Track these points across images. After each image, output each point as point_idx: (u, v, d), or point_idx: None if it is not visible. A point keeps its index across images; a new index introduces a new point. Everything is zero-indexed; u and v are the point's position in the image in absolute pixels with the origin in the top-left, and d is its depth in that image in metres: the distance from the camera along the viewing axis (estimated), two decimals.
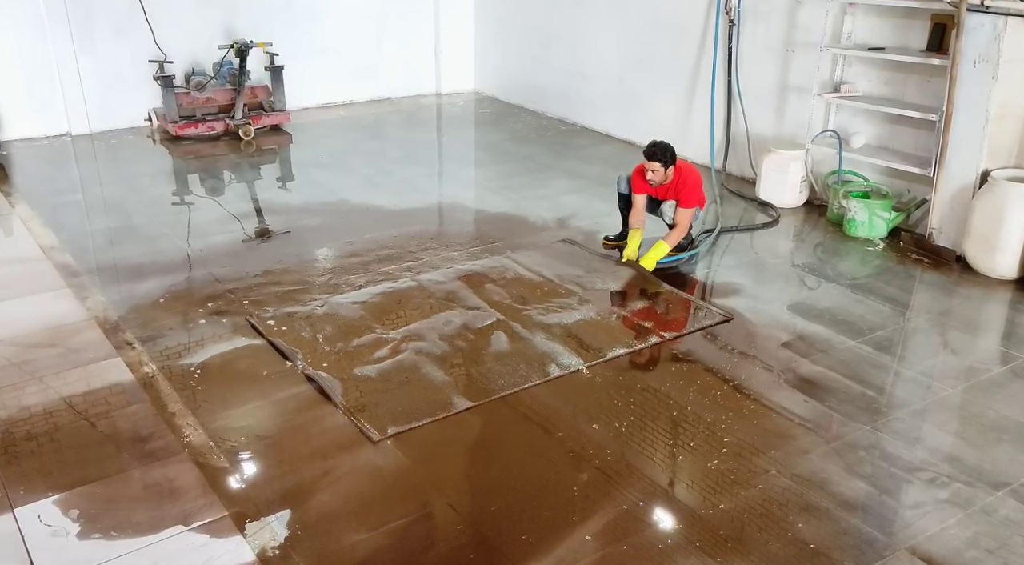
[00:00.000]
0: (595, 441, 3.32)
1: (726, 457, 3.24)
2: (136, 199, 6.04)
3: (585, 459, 3.21)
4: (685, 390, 3.69)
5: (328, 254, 5.09)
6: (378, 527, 2.87)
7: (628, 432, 3.38)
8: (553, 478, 3.12)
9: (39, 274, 4.78)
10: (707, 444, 3.32)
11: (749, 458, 3.24)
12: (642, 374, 3.85)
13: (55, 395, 3.56)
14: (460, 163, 7.44)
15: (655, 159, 4.82)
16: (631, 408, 3.55)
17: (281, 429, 3.39)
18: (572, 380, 3.74)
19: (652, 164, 4.83)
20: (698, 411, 3.53)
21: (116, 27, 7.39)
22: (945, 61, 4.97)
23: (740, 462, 3.21)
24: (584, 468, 3.16)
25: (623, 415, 3.49)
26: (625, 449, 3.28)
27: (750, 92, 6.38)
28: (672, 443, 3.33)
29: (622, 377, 3.79)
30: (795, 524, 2.89)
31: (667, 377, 3.82)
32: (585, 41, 7.86)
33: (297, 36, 8.14)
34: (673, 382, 3.77)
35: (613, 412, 3.51)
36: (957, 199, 5.01)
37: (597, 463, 3.19)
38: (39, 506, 2.91)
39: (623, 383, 3.74)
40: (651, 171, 4.85)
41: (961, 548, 2.81)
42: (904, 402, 3.66)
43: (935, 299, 4.73)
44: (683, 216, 4.91)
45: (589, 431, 3.39)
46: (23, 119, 7.25)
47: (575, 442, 3.31)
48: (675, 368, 3.90)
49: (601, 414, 3.50)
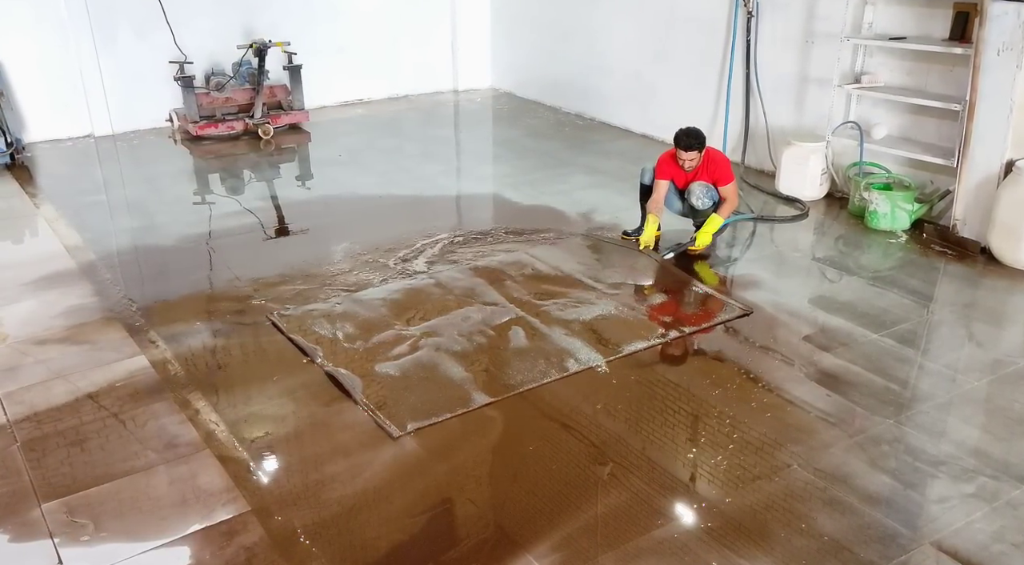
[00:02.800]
0: (615, 436, 3.31)
1: (747, 451, 3.22)
2: (158, 199, 6.10)
3: (605, 454, 3.20)
4: (705, 384, 3.67)
5: (347, 251, 5.11)
6: (399, 522, 2.89)
7: (648, 427, 3.37)
8: (573, 473, 3.12)
9: (64, 273, 4.85)
10: (728, 438, 3.30)
11: (771, 452, 3.21)
12: (662, 369, 3.83)
13: (80, 393, 3.61)
14: (478, 159, 7.44)
15: (692, 149, 4.85)
16: (650, 403, 3.53)
17: (302, 426, 3.42)
18: (591, 375, 3.73)
19: (690, 153, 4.87)
20: (718, 405, 3.51)
21: (137, 29, 7.47)
22: (968, 50, 4.90)
23: (761, 456, 3.19)
24: (604, 462, 3.15)
25: (643, 410, 3.48)
26: (645, 444, 3.27)
27: (769, 84, 6.32)
28: (692, 437, 3.32)
29: (641, 372, 3.77)
30: (818, 518, 2.87)
31: (687, 372, 3.80)
32: (602, 35, 7.83)
33: (315, 35, 8.18)
34: (693, 376, 3.75)
35: (633, 407, 3.50)
36: (981, 189, 4.94)
37: (617, 458, 3.18)
38: (66, 502, 2.96)
39: (643, 378, 3.72)
40: (689, 160, 4.88)
41: (987, 542, 2.77)
42: (928, 395, 3.62)
43: (959, 291, 4.67)
44: (729, 191, 4.99)
45: (609, 426, 3.38)
46: (47, 121, 7.36)
47: (595, 437, 3.31)
48: (695, 362, 3.87)
49: (621, 409, 3.49)
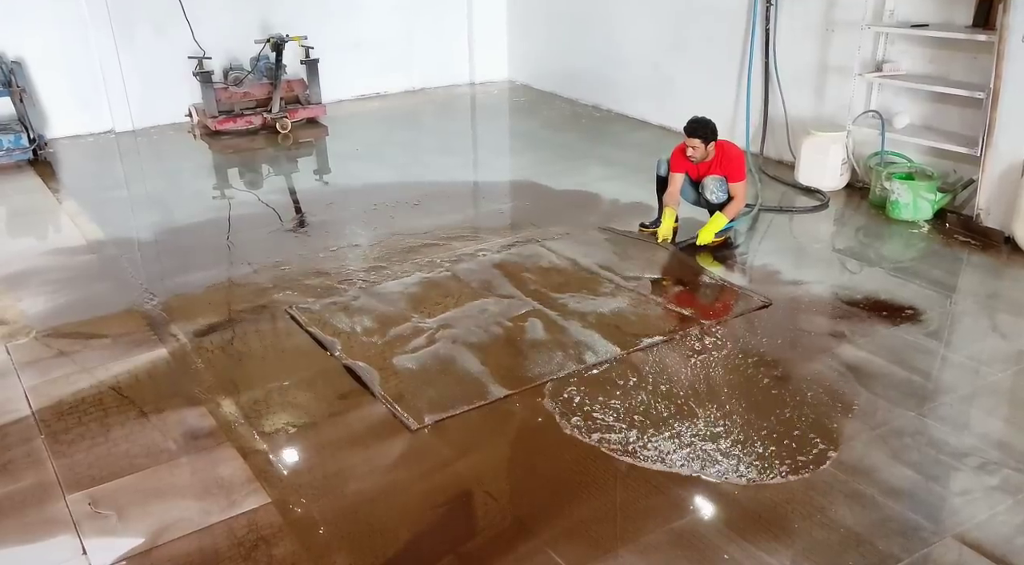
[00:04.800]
0: (632, 428, 3.30)
1: (767, 444, 3.20)
2: (178, 194, 6.15)
3: (623, 446, 3.19)
4: (724, 376, 3.65)
5: (365, 244, 5.13)
6: (417, 514, 2.90)
7: (666, 419, 3.36)
8: (591, 465, 3.11)
9: (86, 267, 4.90)
10: (747, 431, 3.28)
11: (791, 444, 3.19)
12: (680, 361, 3.81)
13: (103, 385, 3.66)
14: (495, 152, 7.43)
15: (696, 135, 4.81)
16: (669, 395, 3.52)
17: (321, 418, 3.44)
18: (609, 368, 3.73)
19: (693, 140, 4.82)
20: (737, 398, 3.49)
21: (156, 25, 7.52)
22: (992, 37, 4.82)
23: (781, 449, 3.17)
24: (623, 455, 3.15)
25: (661, 402, 3.47)
26: (663, 436, 3.26)
27: (788, 74, 6.25)
28: (711, 430, 3.30)
29: (660, 364, 3.76)
30: (839, 511, 2.85)
31: (705, 364, 3.78)
32: (619, 27, 7.78)
33: (331, 29, 8.19)
34: (711, 369, 3.72)
35: (651, 399, 3.49)
36: (1005, 178, 4.87)
37: (635, 450, 3.17)
38: (89, 493, 3.00)
39: (661, 370, 3.71)
40: (691, 148, 4.84)
41: (1011, 535, 2.74)
42: (951, 387, 3.58)
43: (983, 282, 4.61)
44: (738, 189, 4.93)
45: (626, 418, 3.37)
46: (68, 117, 7.43)
47: (612, 429, 3.30)
48: (713, 354, 3.85)
49: (639, 401, 3.47)
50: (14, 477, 3.10)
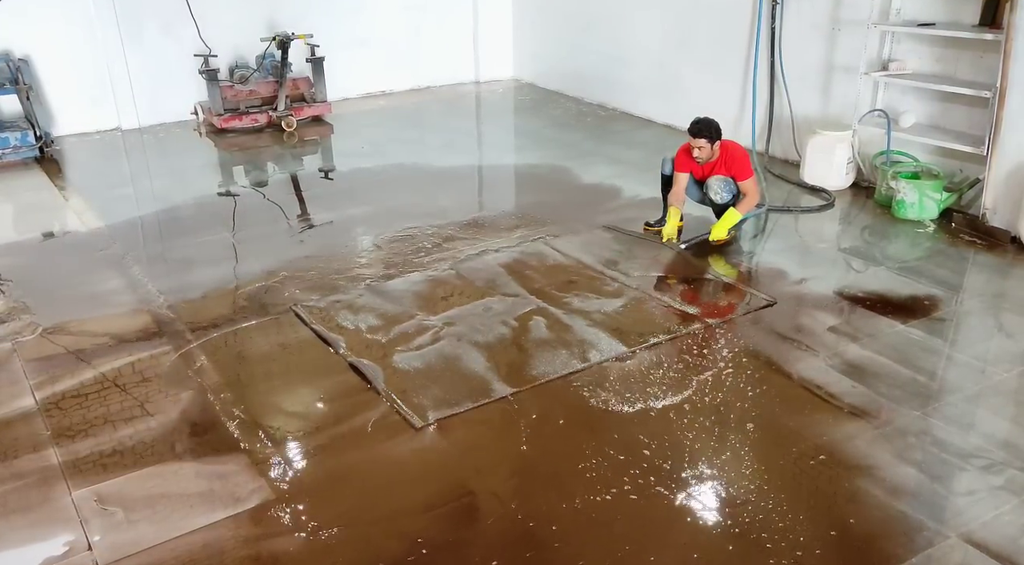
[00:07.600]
0: (637, 427, 3.30)
1: (771, 443, 3.20)
2: (184, 191, 6.16)
3: (628, 445, 3.19)
4: (729, 375, 3.65)
5: (369, 242, 5.14)
6: (422, 513, 2.90)
7: (671, 418, 3.36)
8: (595, 464, 3.11)
9: (92, 264, 4.92)
10: (751, 430, 3.28)
11: (795, 444, 3.19)
12: (685, 360, 3.81)
13: (109, 383, 3.67)
14: (500, 150, 7.43)
15: (701, 135, 4.81)
16: (673, 394, 3.52)
17: (325, 416, 3.45)
18: (613, 366, 3.72)
19: (698, 141, 4.82)
20: (743, 396, 3.49)
21: (163, 23, 7.54)
22: (999, 36, 4.80)
23: (786, 448, 3.17)
24: (626, 454, 3.15)
25: (665, 401, 3.47)
26: (668, 435, 3.25)
27: (794, 72, 6.24)
28: (716, 429, 3.30)
29: (665, 363, 3.76)
30: (842, 510, 2.85)
31: (710, 363, 3.78)
32: (624, 25, 7.77)
33: (337, 27, 8.20)
34: (717, 367, 3.72)
35: (656, 398, 3.49)
36: (1012, 178, 4.85)
37: (640, 449, 3.17)
38: (96, 489, 3.01)
39: (666, 369, 3.71)
40: (697, 148, 4.84)
41: (1016, 535, 2.73)
42: (956, 387, 3.57)
43: (989, 281, 4.59)
44: (748, 186, 4.93)
45: (631, 417, 3.37)
46: (75, 115, 7.46)
47: (617, 428, 3.30)
48: (718, 353, 3.85)
49: (643, 400, 3.47)
50: (21, 474, 3.11)
